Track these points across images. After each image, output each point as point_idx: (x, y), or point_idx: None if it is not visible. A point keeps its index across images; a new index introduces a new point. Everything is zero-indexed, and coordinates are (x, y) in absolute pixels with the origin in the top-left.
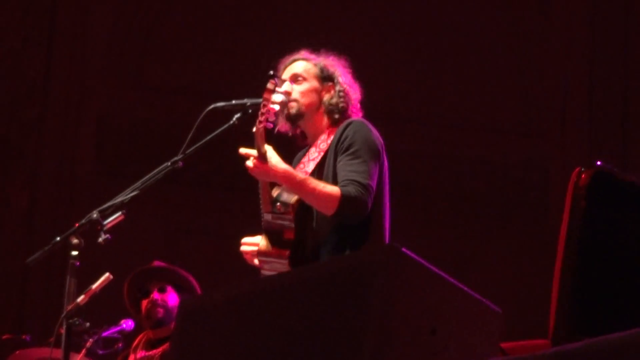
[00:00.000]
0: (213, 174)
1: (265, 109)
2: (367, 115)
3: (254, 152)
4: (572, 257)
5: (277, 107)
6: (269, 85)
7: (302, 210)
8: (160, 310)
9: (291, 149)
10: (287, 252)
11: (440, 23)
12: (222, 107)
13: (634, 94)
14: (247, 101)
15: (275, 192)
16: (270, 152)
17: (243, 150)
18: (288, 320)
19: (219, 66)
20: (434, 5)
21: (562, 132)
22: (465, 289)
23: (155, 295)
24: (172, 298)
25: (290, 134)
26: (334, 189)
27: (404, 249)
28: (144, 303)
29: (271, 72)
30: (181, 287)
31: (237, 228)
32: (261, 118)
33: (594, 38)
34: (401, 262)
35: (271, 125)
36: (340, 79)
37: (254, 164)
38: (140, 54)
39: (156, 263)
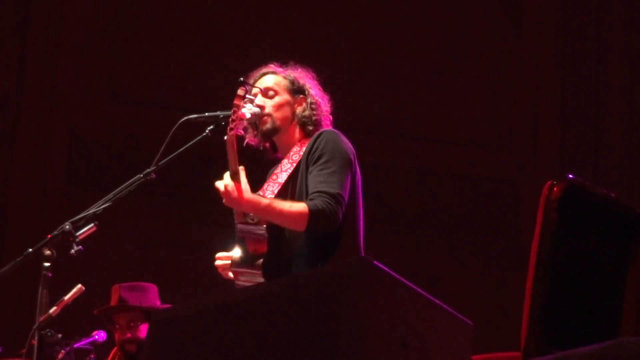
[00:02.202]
0: (186, 186)
1: (236, 115)
2: (339, 129)
3: (226, 183)
4: (543, 270)
5: (248, 115)
6: (239, 92)
7: None
8: (133, 347)
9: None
10: (261, 263)
11: (413, 38)
12: (195, 119)
13: (606, 108)
14: (220, 113)
15: None
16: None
17: (218, 183)
18: (259, 333)
19: (191, 78)
20: (407, 20)
21: (534, 146)
22: (436, 301)
23: (127, 334)
24: (142, 329)
25: (260, 147)
26: (301, 206)
27: (375, 262)
28: (116, 334)
29: (241, 79)
30: (150, 312)
31: (209, 239)
32: (232, 125)
33: (565, 52)
34: (373, 275)
35: (242, 132)
36: (311, 91)
37: (222, 191)
38: (113, 67)
39: (122, 294)
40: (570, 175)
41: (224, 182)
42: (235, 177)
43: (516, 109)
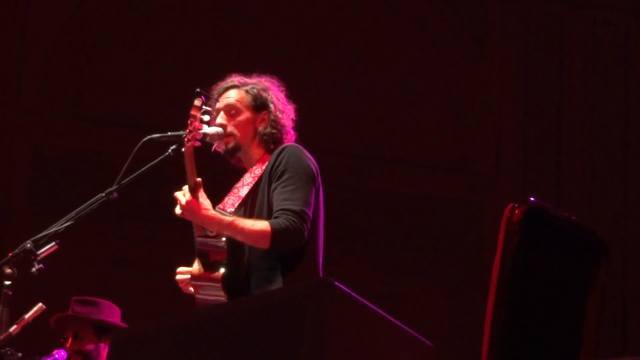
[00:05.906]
0: (148, 205)
1: (192, 126)
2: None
3: (187, 198)
4: (504, 293)
5: (211, 131)
6: (196, 102)
7: None
8: (79, 358)
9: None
10: (220, 276)
11: (377, 59)
12: (158, 138)
13: (568, 131)
14: (182, 133)
15: None
16: (202, 196)
17: (178, 195)
18: (221, 353)
19: (154, 98)
20: (371, 41)
21: (497, 168)
22: (397, 322)
23: (71, 345)
24: (88, 342)
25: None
26: (263, 225)
27: (336, 283)
28: (65, 345)
29: (198, 90)
30: (101, 327)
31: (171, 259)
32: (189, 136)
33: (529, 75)
34: (333, 296)
35: (199, 144)
36: (274, 105)
37: (183, 205)
38: (76, 86)
39: (74, 306)
40: (532, 198)
41: (185, 198)
42: (194, 191)
43: (479, 131)
